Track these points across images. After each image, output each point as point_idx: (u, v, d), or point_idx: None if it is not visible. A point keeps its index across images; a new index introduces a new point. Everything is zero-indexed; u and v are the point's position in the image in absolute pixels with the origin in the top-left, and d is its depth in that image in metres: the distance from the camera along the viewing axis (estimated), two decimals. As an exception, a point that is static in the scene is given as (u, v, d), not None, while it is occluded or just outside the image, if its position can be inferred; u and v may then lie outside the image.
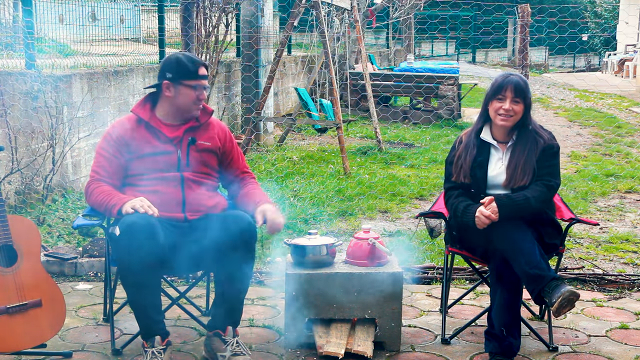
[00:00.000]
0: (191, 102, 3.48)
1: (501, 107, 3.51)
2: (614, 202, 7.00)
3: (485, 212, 3.41)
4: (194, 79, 3.45)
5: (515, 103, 3.51)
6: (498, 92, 3.53)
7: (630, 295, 4.54)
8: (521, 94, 3.51)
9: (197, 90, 3.46)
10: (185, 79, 3.44)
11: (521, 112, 3.53)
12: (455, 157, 3.65)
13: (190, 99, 3.47)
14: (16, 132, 5.45)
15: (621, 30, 22.77)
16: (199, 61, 3.50)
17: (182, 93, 3.46)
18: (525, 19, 5.73)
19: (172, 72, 3.45)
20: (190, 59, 3.48)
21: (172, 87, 3.46)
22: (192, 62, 3.47)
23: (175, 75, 3.45)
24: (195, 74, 3.45)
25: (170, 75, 3.45)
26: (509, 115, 3.51)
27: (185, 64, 3.45)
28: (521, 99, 3.51)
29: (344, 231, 5.69)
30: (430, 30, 23.45)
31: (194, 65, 3.46)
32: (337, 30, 10.79)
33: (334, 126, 8.70)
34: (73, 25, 7.40)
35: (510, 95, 3.51)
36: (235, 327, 3.45)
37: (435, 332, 3.86)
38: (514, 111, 3.51)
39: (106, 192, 3.37)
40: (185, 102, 3.47)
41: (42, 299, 3.29)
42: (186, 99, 3.47)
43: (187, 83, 3.45)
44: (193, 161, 3.51)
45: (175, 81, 3.45)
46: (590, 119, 12.78)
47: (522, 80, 3.57)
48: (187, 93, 3.46)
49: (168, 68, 3.47)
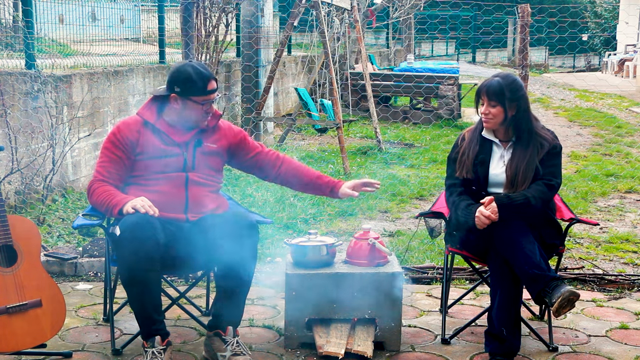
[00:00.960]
0: (199, 116, 3.46)
1: (481, 111, 3.56)
2: (614, 202, 7.00)
3: (485, 212, 3.41)
4: (202, 95, 3.41)
5: (492, 106, 3.52)
6: (478, 97, 3.59)
7: (630, 295, 4.54)
8: (495, 97, 3.49)
9: (205, 105, 3.44)
10: (194, 95, 3.40)
11: (500, 114, 3.51)
12: (460, 153, 3.65)
13: (198, 113, 3.45)
14: (16, 132, 5.45)
15: (621, 30, 22.76)
16: (209, 75, 3.42)
17: (190, 107, 3.43)
18: (525, 19, 5.72)
19: (180, 87, 3.41)
20: (199, 75, 3.39)
21: (180, 100, 3.43)
22: (201, 77, 3.39)
23: (183, 90, 3.40)
24: (203, 90, 3.40)
25: (179, 90, 3.41)
26: (488, 118, 3.54)
27: (194, 81, 3.38)
28: (496, 101, 3.50)
29: (344, 231, 5.69)
30: (430, 30, 23.43)
31: (202, 82, 3.39)
32: (337, 30, 10.79)
33: (334, 126, 8.70)
34: (73, 25, 7.40)
35: (485, 99, 3.53)
36: (235, 327, 3.45)
37: (435, 332, 3.86)
38: (492, 114, 3.53)
39: (108, 192, 3.37)
40: (192, 115, 3.46)
41: (42, 299, 3.29)
42: (193, 113, 3.45)
43: (195, 99, 3.41)
44: (199, 163, 3.51)
45: (183, 96, 3.41)
46: (590, 119, 12.78)
47: (501, 82, 3.50)
48: (195, 108, 3.43)
49: (177, 82, 3.41)
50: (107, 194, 3.36)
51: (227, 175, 6.79)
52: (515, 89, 3.52)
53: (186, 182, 3.47)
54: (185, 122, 3.49)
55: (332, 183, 3.70)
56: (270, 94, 9.26)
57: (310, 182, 3.72)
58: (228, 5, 7.62)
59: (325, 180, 3.72)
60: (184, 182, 3.46)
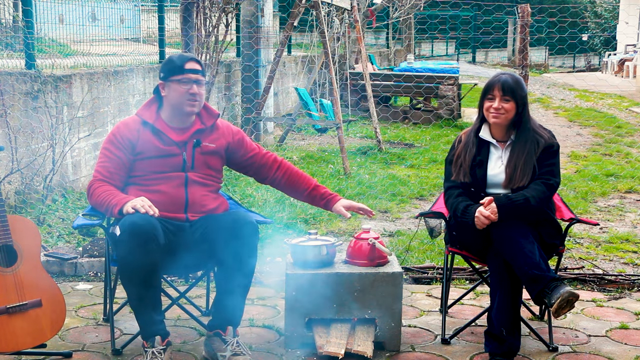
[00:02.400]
0: (182, 98, 3.44)
1: (491, 106, 3.53)
2: (614, 202, 7.00)
3: (485, 213, 3.41)
4: (180, 73, 3.43)
5: (505, 101, 3.52)
6: (488, 92, 3.57)
7: (630, 295, 4.54)
8: (509, 91, 3.51)
9: (185, 84, 3.43)
10: (173, 75, 3.44)
11: (513, 109, 3.53)
12: (455, 155, 3.65)
13: (180, 93, 3.44)
14: (16, 132, 5.44)
15: (621, 30, 22.75)
16: (188, 56, 3.50)
17: (173, 89, 3.46)
18: (525, 19, 5.72)
19: (163, 71, 3.48)
20: (179, 55, 3.49)
21: (165, 85, 3.47)
22: (179, 57, 3.48)
23: (166, 73, 3.47)
24: (181, 68, 3.43)
25: (162, 75, 3.48)
26: (499, 113, 3.52)
27: (172, 60, 3.47)
28: (510, 96, 3.51)
29: (344, 231, 5.69)
30: (430, 30, 23.44)
31: (180, 60, 3.45)
32: (337, 30, 10.79)
33: (334, 126, 8.70)
34: (73, 25, 7.40)
35: (498, 94, 3.52)
36: (235, 327, 3.45)
37: (435, 332, 3.86)
38: (505, 109, 3.53)
39: (108, 192, 3.36)
40: (176, 98, 3.45)
41: (42, 299, 3.29)
42: (176, 95, 3.45)
43: (174, 78, 3.44)
44: (198, 163, 3.51)
45: (166, 79, 3.46)
46: (590, 119, 12.78)
47: (513, 78, 3.56)
48: (176, 88, 3.44)
49: (161, 69, 3.51)
50: (107, 194, 3.36)
51: (227, 175, 6.79)
52: (523, 87, 3.59)
53: (186, 182, 3.47)
54: (174, 109, 3.49)
55: (328, 196, 3.71)
56: (270, 94, 9.26)
57: (305, 190, 3.72)
58: (228, 5, 7.61)
59: (322, 191, 3.72)
60: (184, 182, 3.46)
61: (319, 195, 3.71)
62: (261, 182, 3.81)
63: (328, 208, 3.72)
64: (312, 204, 3.79)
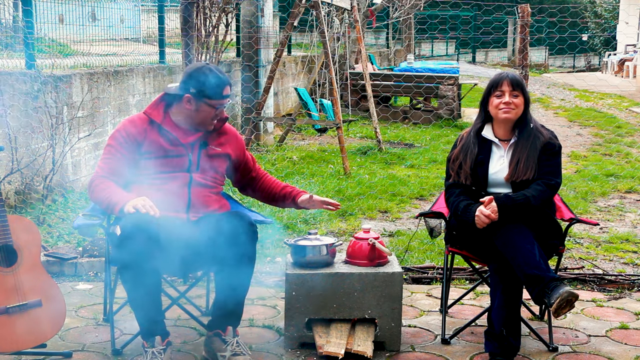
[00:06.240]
0: (209, 119, 3.47)
1: (501, 102, 3.53)
2: (614, 202, 7.00)
3: (485, 212, 3.41)
4: (218, 99, 3.43)
5: (514, 96, 3.54)
6: (495, 89, 3.57)
7: (630, 295, 4.54)
8: (519, 86, 3.55)
9: (217, 109, 3.46)
10: (209, 99, 3.42)
11: (522, 105, 3.55)
12: (455, 156, 3.65)
13: (209, 116, 3.46)
14: (16, 132, 5.45)
15: (621, 30, 22.76)
16: (226, 80, 3.46)
17: (202, 110, 3.44)
18: (525, 19, 5.72)
19: (196, 89, 3.41)
20: (217, 79, 3.41)
21: (194, 101, 3.43)
22: (219, 82, 3.41)
23: (199, 92, 3.41)
24: (219, 95, 3.43)
25: (194, 91, 3.41)
26: (510, 108, 3.53)
27: (211, 82, 3.40)
28: (520, 91, 3.54)
29: (344, 231, 5.69)
30: (430, 30, 23.44)
31: (220, 86, 3.42)
32: (337, 30, 10.80)
33: (334, 126, 8.70)
34: (73, 25, 7.40)
35: (508, 89, 3.54)
36: (235, 327, 3.45)
37: (435, 332, 3.86)
38: (515, 104, 3.54)
39: (109, 190, 3.35)
40: (202, 118, 3.46)
41: (42, 299, 3.29)
42: (204, 116, 3.46)
43: (209, 102, 3.42)
44: (203, 165, 3.51)
45: (197, 98, 3.42)
46: (590, 119, 12.78)
47: (518, 75, 3.66)
48: (207, 110, 3.44)
49: (193, 83, 3.42)
50: (108, 191, 3.34)
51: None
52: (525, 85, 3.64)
53: (189, 182, 3.47)
54: (193, 123, 3.49)
55: (295, 192, 3.73)
56: (270, 94, 9.27)
57: (277, 194, 3.76)
58: (228, 5, 7.61)
59: (289, 190, 3.75)
60: (188, 183, 3.46)
61: (287, 194, 3.75)
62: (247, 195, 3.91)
63: (296, 204, 3.73)
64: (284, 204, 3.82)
